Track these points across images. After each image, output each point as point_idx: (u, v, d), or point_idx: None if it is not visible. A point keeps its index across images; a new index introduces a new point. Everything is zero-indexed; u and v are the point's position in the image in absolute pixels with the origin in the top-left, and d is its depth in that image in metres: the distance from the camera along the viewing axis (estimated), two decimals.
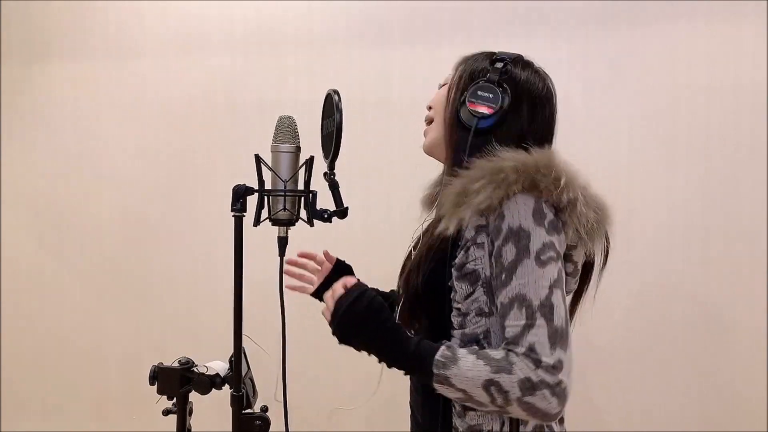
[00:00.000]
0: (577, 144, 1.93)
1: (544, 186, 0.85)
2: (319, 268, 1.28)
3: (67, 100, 2.25)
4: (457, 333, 0.92)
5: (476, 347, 0.88)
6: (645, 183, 1.91)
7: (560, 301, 0.82)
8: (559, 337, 0.79)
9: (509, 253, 0.83)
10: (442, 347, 0.84)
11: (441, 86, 1.07)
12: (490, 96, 0.94)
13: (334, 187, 1.06)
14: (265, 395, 1.15)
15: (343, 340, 0.90)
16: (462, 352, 0.83)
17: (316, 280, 1.28)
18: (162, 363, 1.16)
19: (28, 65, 2.26)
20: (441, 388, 0.84)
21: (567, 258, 0.93)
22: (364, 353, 0.90)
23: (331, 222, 1.07)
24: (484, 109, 0.93)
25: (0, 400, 2.36)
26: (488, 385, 0.79)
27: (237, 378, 1.04)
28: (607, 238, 1.00)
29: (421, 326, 1.01)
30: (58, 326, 2.30)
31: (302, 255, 1.29)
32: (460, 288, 0.91)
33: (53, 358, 2.31)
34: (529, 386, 0.77)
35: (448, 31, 1.98)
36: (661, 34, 1.88)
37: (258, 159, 1.03)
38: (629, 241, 1.92)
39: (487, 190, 0.85)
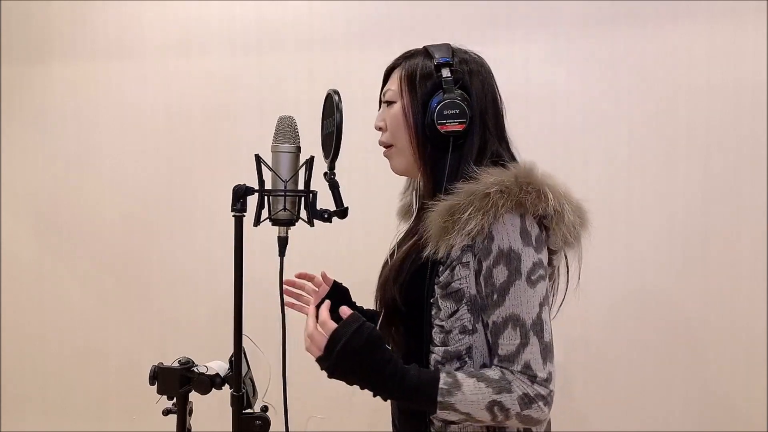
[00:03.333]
0: (577, 144, 1.93)
1: (529, 203, 0.86)
2: (317, 289, 1.25)
3: (67, 100, 2.25)
4: (439, 350, 0.92)
5: (472, 370, 0.89)
6: (645, 183, 1.91)
7: (548, 317, 0.88)
8: (548, 351, 0.85)
9: (501, 274, 0.86)
10: (443, 375, 0.86)
11: (386, 102, 1.03)
12: (457, 112, 0.93)
13: (334, 187, 1.06)
14: (265, 395, 1.15)
15: (336, 373, 0.88)
16: (461, 376, 0.85)
17: (312, 303, 1.26)
18: (162, 363, 1.16)
19: (28, 65, 2.26)
20: (443, 414, 0.86)
21: (548, 262, 0.94)
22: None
23: (331, 222, 1.07)
24: (456, 128, 0.93)
25: (0, 400, 2.36)
26: (492, 406, 0.83)
27: (237, 378, 1.04)
28: (580, 245, 1.00)
29: (399, 334, 1.02)
30: (58, 326, 2.30)
31: (300, 276, 1.26)
32: (444, 306, 0.91)
33: (53, 358, 2.31)
34: (527, 401, 0.83)
35: (447, 31, 1.97)
36: (661, 34, 1.88)
37: (258, 159, 1.03)
38: (629, 240, 1.92)
39: (477, 217, 0.86)
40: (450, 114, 0.93)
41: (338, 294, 1.25)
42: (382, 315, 1.03)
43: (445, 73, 0.95)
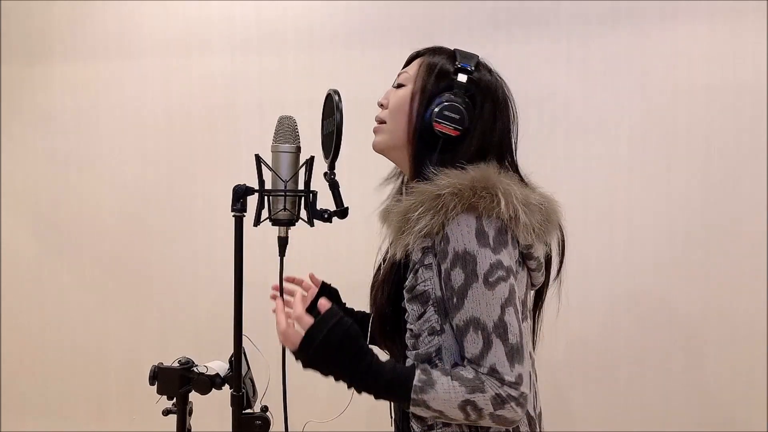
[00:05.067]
0: (577, 144, 1.93)
1: (483, 207, 0.85)
2: (305, 293, 1.25)
3: (67, 100, 2.25)
4: (411, 354, 0.93)
5: (447, 368, 0.89)
6: (645, 183, 1.91)
7: (513, 319, 0.84)
8: (515, 354, 0.83)
9: (458, 277, 0.85)
10: (418, 371, 0.85)
11: (396, 84, 1.04)
12: (457, 117, 0.93)
13: (334, 187, 1.06)
14: (264, 396, 1.15)
15: (311, 366, 0.89)
16: (436, 374, 0.85)
17: (301, 308, 1.26)
18: (162, 363, 1.16)
19: (28, 65, 2.26)
20: (416, 410, 0.86)
21: (528, 257, 0.94)
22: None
23: (331, 222, 1.07)
24: (449, 131, 0.93)
25: (0, 400, 2.36)
26: (465, 405, 0.82)
27: (237, 378, 1.04)
28: (560, 228, 1.01)
29: (389, 344, 1.02)
30: (58, 326, 2.30)
31: (289, 280, 1.25)
32: (411, 309, 0.92)
33: (53, 358, 2.31)
34: (499, 401, 0.82)
35: (447, 31, 1.98)
36: (661, 34, 1.88)
37: (258, 159, 1.03)
38: (629, 240, 1.92)
39: (426, 218, 0.86)
40: (449, 116, 0.93)
41: (328, 295, 1.25)
42: (373, 322, 1.03)
43: (461, 77, 0.95)
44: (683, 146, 1.89)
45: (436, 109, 0.93)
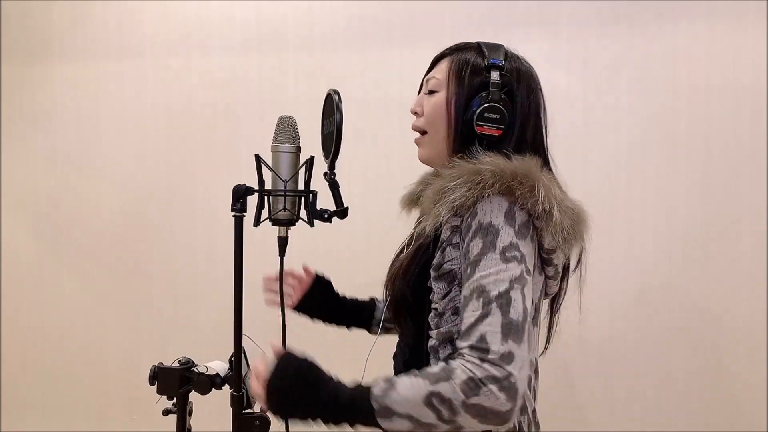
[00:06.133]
0: (577, 144, 1.93)
1: (519, 193, 0.84)
2: (297, 285, 1.26)
3: (67, 100, 2.25)
4: (434, 333, 0.91)
5: (415, 369, 0.82)
6: (645, 183, 1.91)
7: (520, 299, 0.79)
8: (513, 330, 0.76)
9: (476, 247, 0.83)
10: (381, 381, 0.80)
11: (427, 91, 1.02)
12: (497, 117, 0.92)
13: (334, 187, 1.06)
14: None
15: (284, 415, 0.85)
16: (399, 378, 0.79)
17: (295, 296, 1.26)
18: (162, 363, 1.15)
19: (28, 65, 2.26)
20: (386, 423, 0.78)
21: (548, 262, 0.93)
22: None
23: (331, 222, 1.07)
24: (492, 132, 0.93)
25: (0, 400, 2.36)
26: (429, 398, 0.74)
27: (237, 378, 1.04)
28: (583, 240, 0.99)
29: (406, 328, 1.01)
30: (58, 326, 2.30)
31: (286, 273, 1.24)
32: (437, 288, 0.91)
33: (53, 358, 2.31)
34: (472, 386, 0.72)
35: (447, 31, 1.98)
36: (661, 34, 1.88)
37: (258, 159, 1.03)
38: (629, 240, 1.92)
39: (462, 189, 0.85)
40: (490, 117, 0.92)
41: (321, 287, 1.26)
42: (387, 309, 1.02)
43: (494, 75, 0.94)
44: (683, 146, 1.89)
45: (477, 111, 0.92)
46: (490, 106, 0.92)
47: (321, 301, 1.26)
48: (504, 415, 0.73)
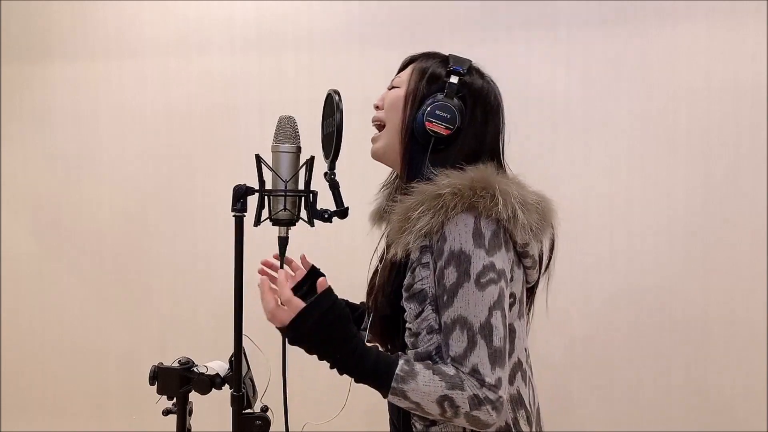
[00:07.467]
0: (577, 144, 1.93)
1: (482, 206, 0.87)
2: (293, 274, 1.26)
3: (67, 100, 2.25)
4: (410, 353, 0.93)
5: (429, 362, 0.90)
6: (645, 183, 1.91)
7: (499, 322, 0.87)
8: (498, 357, 0.85)
9: (451, 276, 0.87)
10: (401, 362, 0.87)
11: (391, 87, 1.06)
12: (448, 116, 0.95)
13: (334, 187, 1.06)
14: (264, 396, 1.15)
15: (298, 344, 0.91)
16: (419, 367, 0.87)
17: (287, 287, 1.26)
18: (162, 363, 1.16)
19: (28, 65, 2.26)
20: (394, 399, 0.87)
21: (524, 255, 0.97)
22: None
23: (331, 222, 1.07)
24: (441, 130, 0.95)
25: (0, 400, 2.36)
26: (443, 399, 0.84)
27: (237, 378, 1.04)
28: (552, 226, 1.02)
29: (393, 346, 1.02)
30: (58, 326, 2.30)
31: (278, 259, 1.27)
32: (409, 308, 0.93)
33: (53, 358, 2.31)
34: (476, 402, 0.83)
35: (447, 31, 1.98)
36: (661, 34, 1.88)
37: (258, 159, 1.03)
38: (629, 240, 1.92)
39: (427, 217, 0.88)
40: (440, 116, 0.95)
41: (315, 279, 1.25)
42: (373, 325, 1.03)
43: (453, 79, 0.98)
44: (683, 146, 1.89)
45: (428, 109, 0.95)
46: (442, 104, 0.95)
47: (308, 293, 1.25)
48: (490, 426, 0.87)
